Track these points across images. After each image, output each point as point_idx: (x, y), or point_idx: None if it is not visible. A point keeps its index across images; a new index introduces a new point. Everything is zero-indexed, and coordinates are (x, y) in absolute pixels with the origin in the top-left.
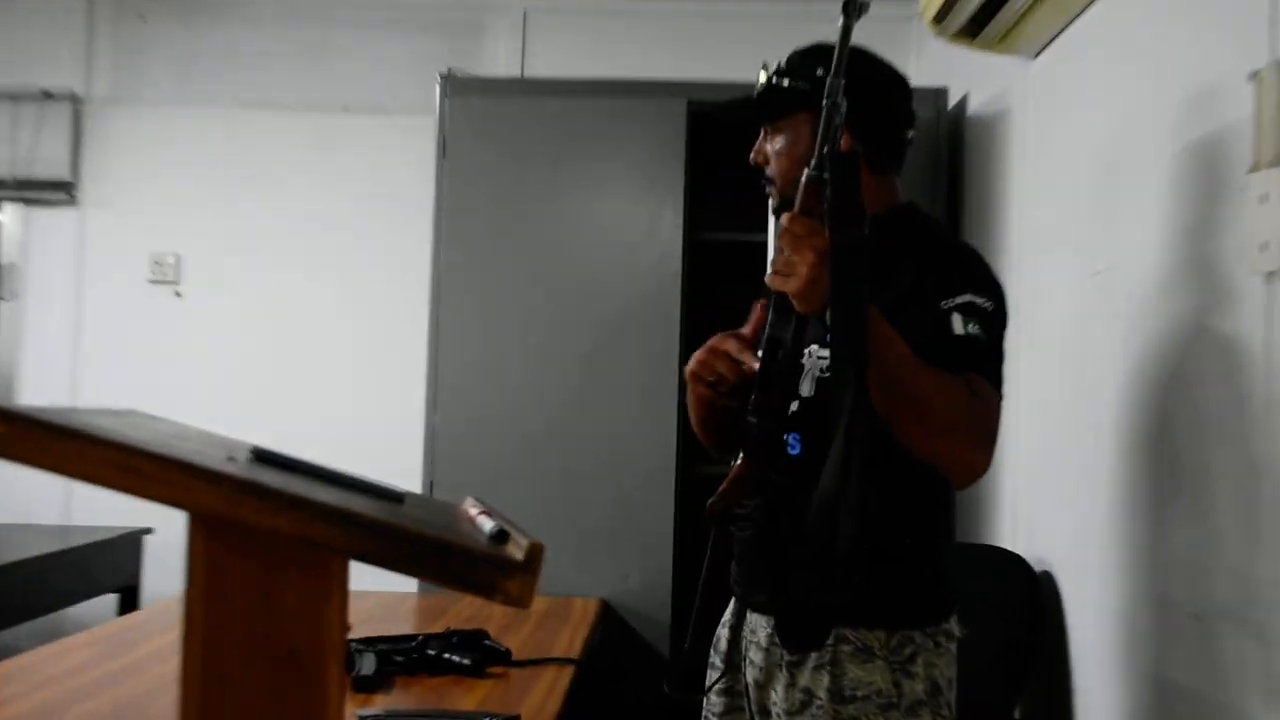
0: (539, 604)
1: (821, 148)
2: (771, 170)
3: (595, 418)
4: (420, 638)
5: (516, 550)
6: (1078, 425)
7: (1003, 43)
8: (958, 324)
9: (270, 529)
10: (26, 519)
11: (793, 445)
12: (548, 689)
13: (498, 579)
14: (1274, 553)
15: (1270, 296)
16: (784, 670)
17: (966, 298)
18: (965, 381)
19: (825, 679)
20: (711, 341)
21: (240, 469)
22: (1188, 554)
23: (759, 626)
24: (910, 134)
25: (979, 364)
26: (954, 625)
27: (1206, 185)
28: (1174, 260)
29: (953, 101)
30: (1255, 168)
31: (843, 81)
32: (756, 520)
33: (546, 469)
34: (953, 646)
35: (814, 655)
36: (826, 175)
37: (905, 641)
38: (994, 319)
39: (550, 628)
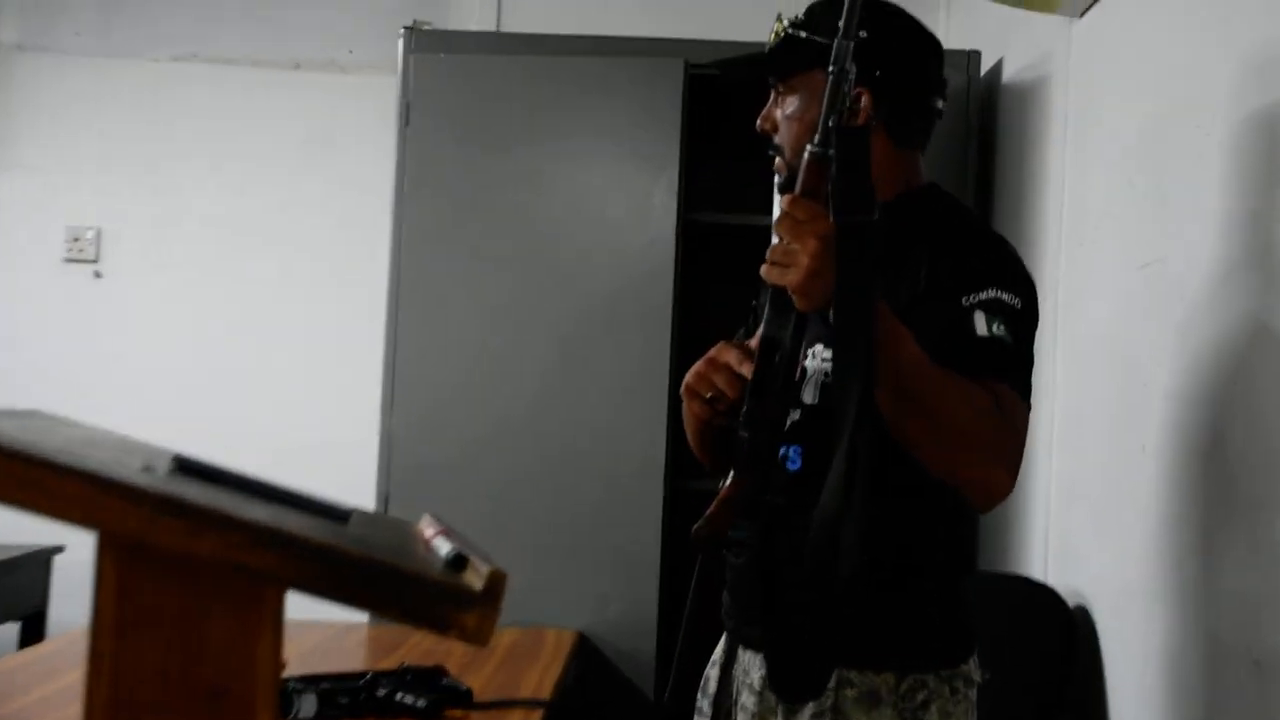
0: (506, 636)
1: (826, 120)
2: (780, 138)
3: (573, 423)
4: (369, 675)
5: (475, 579)
6: (1120, 440)
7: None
8: (981, 324)
9: (191, 553)
10: None
11: (793, 460)
12: None
13: (452, 612)
14: None
15: None
16: (779, 716)
17: (992, 293)
18: (988, 390)
19: None
20: (710, 353)
21: (158, 482)
22: (1246, 590)
23: (752, 666)
24: (940, 104)
25: (1004, 370)
26: (973, 668)
27: (1272, 168)
28: (1235, 252)
29: (986, 66)
30: None
31: (852, 44)
32: (751, 545)
33: (517, 481)
34: (972, 693)
35: (811, 701)
36: (832, 152)
37: (917, 686)
38: (1022, 318)
39: (518, 664)
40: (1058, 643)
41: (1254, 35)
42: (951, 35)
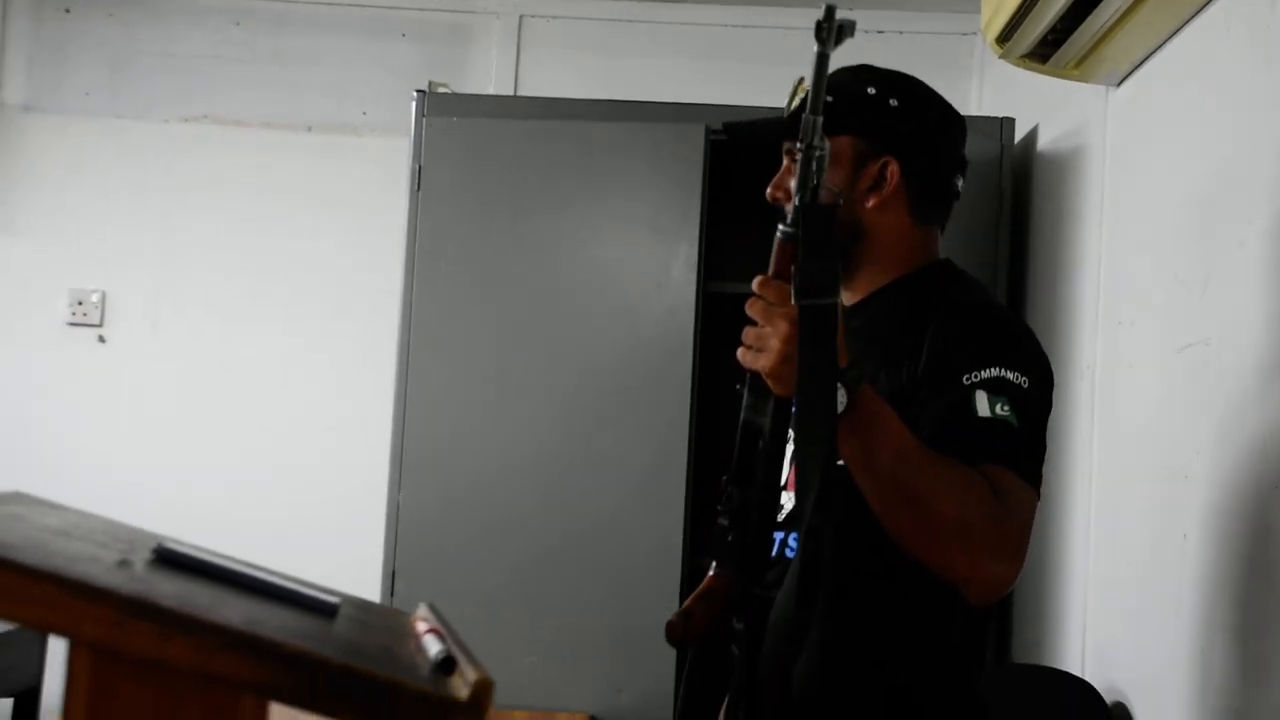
0: None
1: (801, 197)
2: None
3: (587, 501)
4: None
5: (462, 686)
6: (1162, 529)
7: (1079, 68)
8: (982, 404)
9: (161, 658)
10: None
11: (792, 548)
12: None
13: None
14: None
15: None
16: None
17: (995, 372)
18: (987, 477)
19: None
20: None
21: (130, 579)
22: None
23: None
24: (960, 183)
25: (1007, 454)
26: None
27: None
28: (1270, 341)
29: (1020, 134)
30: None
31: (819, 119)
32: (744, 644)
33: (528, 560)
34: None
35: None
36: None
37: None
38: (1030, 398)
39: None
40: None
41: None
42: (985, 102)
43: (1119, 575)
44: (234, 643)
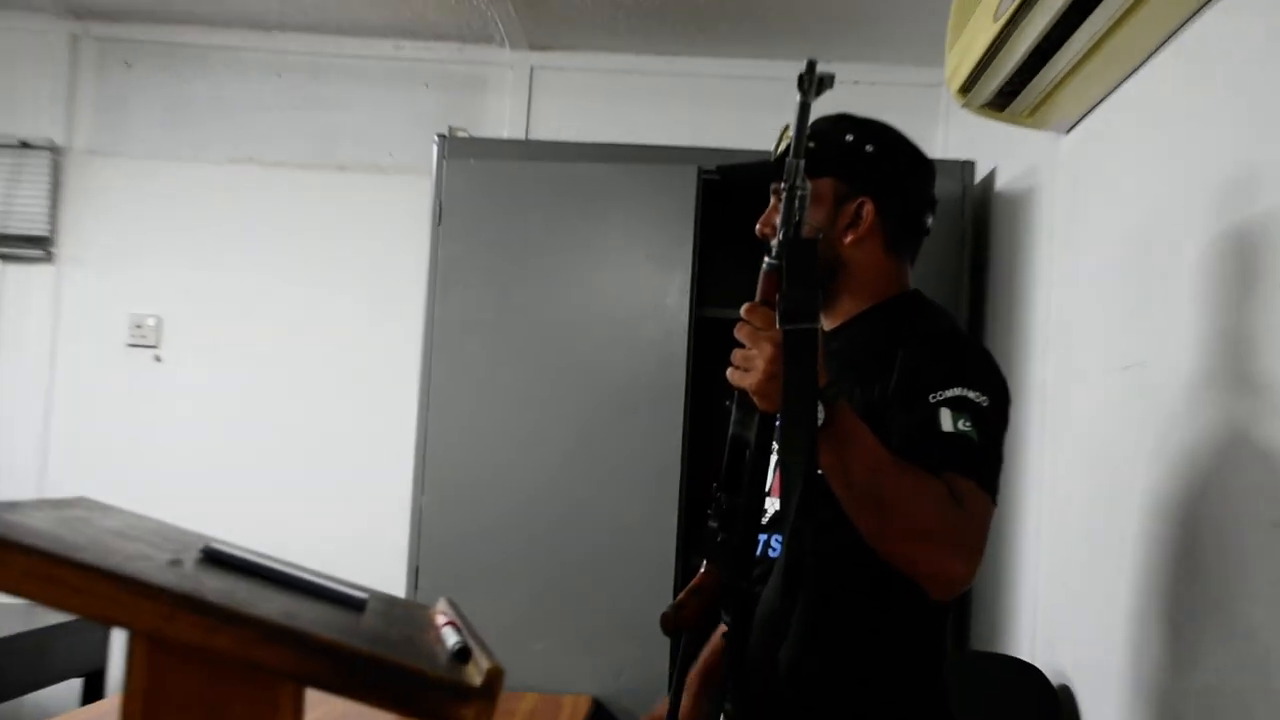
0: (526, 702)
1: (785, 232)
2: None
3: (591, 504)
4: None
5: (476, 674)
6: (1102, 531)
7: (1032, 116)
8: (946, 420)
9: (209, 647)
10: None
11: (774, 548)
12: None
13: (452, 707)
14: None
15: None
16: None
17: (958, 391)
18: (948, 484)
19: None
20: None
21: (181, 577)
22: (1219, 678)
23: None
24: (930, 222)
25: (967, 465)
26: None
27: (1242, 281)
28: (1210, 359)
29: (980, 175)
30: None
31: (802, 162)
32: (731, 636)
33: (538, 556)
34: None
35: None
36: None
37: None
38: (989, 416)
39: None
40: (1043, 719)
41: (1226, 160)
42: (949, 145)
43: (1065, 571)
44: (273, 634)
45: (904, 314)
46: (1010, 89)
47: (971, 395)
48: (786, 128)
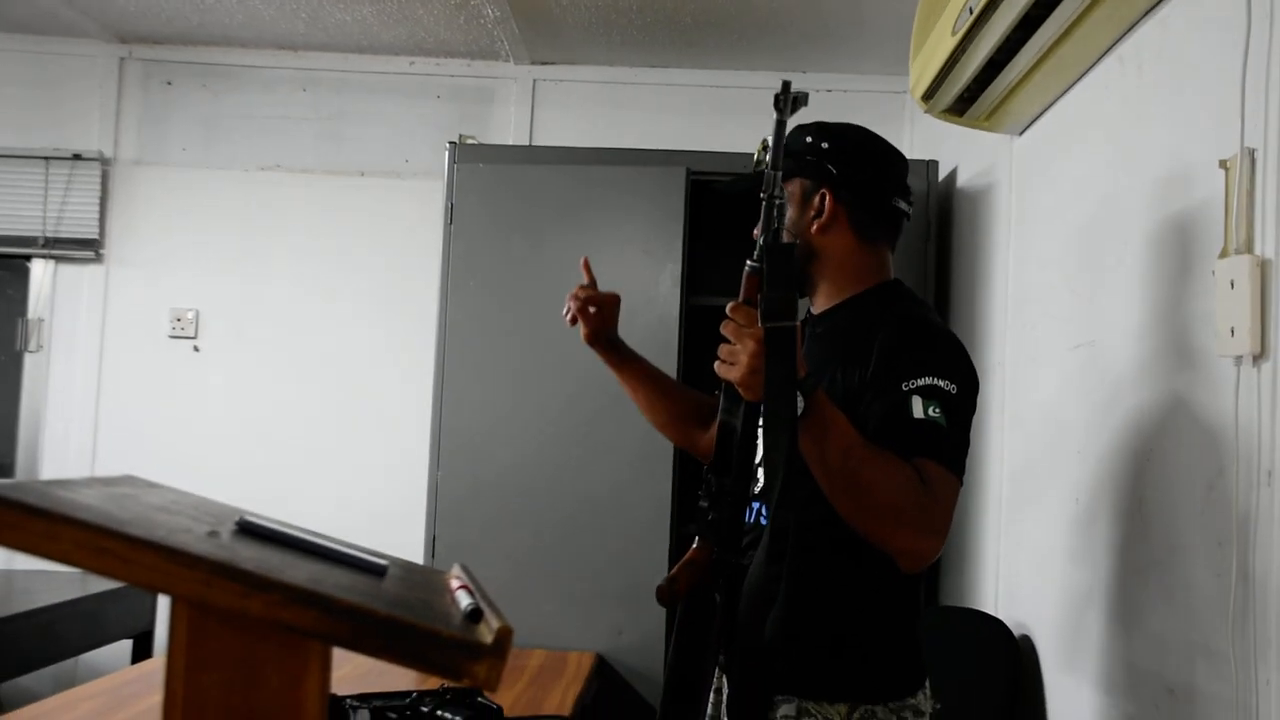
0: (535, 658)
1: (765, 238)
2: None
3: (593, 476)
4: (414, 694)
5: (487, 633)
6: (1058, 494)
7: (989, 120)
8: (917, 407)
9: (244, 610)
10: (52, 564)
11: (765, 515)
12: None
13: (465, 663)
14: (1243, 631)
15: (1240, 379)
16: None
17: (928, 380)
18: (916, 468)
19: None
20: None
21: (218, 547)
22: (1162, 627)
23: (725, 685)
24: (903, 204)
25: (935, 449)
26: (922, 700)
27: (1178, 268)
28: (1149, 339)
29: (943, 174)
30: (1224, 253)
31: (779, 174)
32: (721, 604)
33: (544, 525)
34: None
35: None
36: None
37: (868, 716)
38: (957, 403)
39: (544, 683)
40: (1005, 667)
41: (1160, 161)
42: (915, 147)
43: (1024, 533)
44: (300, 598)
45: (883, 303)
46: (968, 95)
47: (942, 384)
48: (764, 141)
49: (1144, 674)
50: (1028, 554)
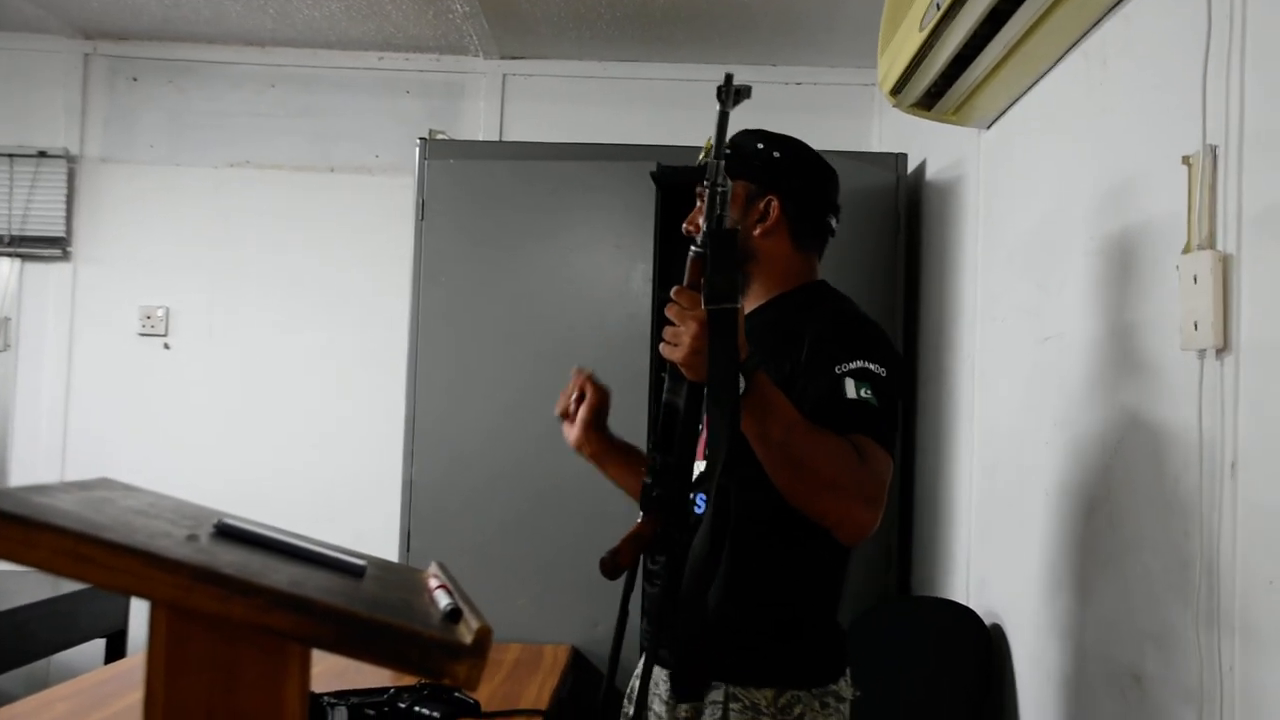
0: (510, 652)
1: (709, 224)
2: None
3: (565, 472)
4: (392, 690)
5: (467, 633)
6: (1026, 486)
7: (956, 114)
8: (850, 388)
9: (225, 614)
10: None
11: (699, 505)
12: None
13: (446, 663)
14: (1208, 620)
15: (1204, 373)
16: None
17: (860, 364)
18: (852, 443)
19: None
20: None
21: (198, 551)
22: (1128, 616)
23: (661, 680)
24: (834, 221)
25: (869, 426)
26: (843, 687)
27: (1142, 263)
28: (1115, 333)
29: (912, 166)
30: (1188, 249)
31: (722, 163)
32: (662, 577)
33: (518, 520)
34: (843, 708)
35: (706, 712)
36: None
37: (793, 701)
38: (887, 384)
39: (520, 677)
40: (976, 655)
41: (1123, 157)
42: (884, 139)
43: (994, 523)
44: (282, 602)
45: (811, 299)
46: (936, 90)
47: (872, 367)
48: (710, 138)
49: (1111, 661)
50: (999, 544)
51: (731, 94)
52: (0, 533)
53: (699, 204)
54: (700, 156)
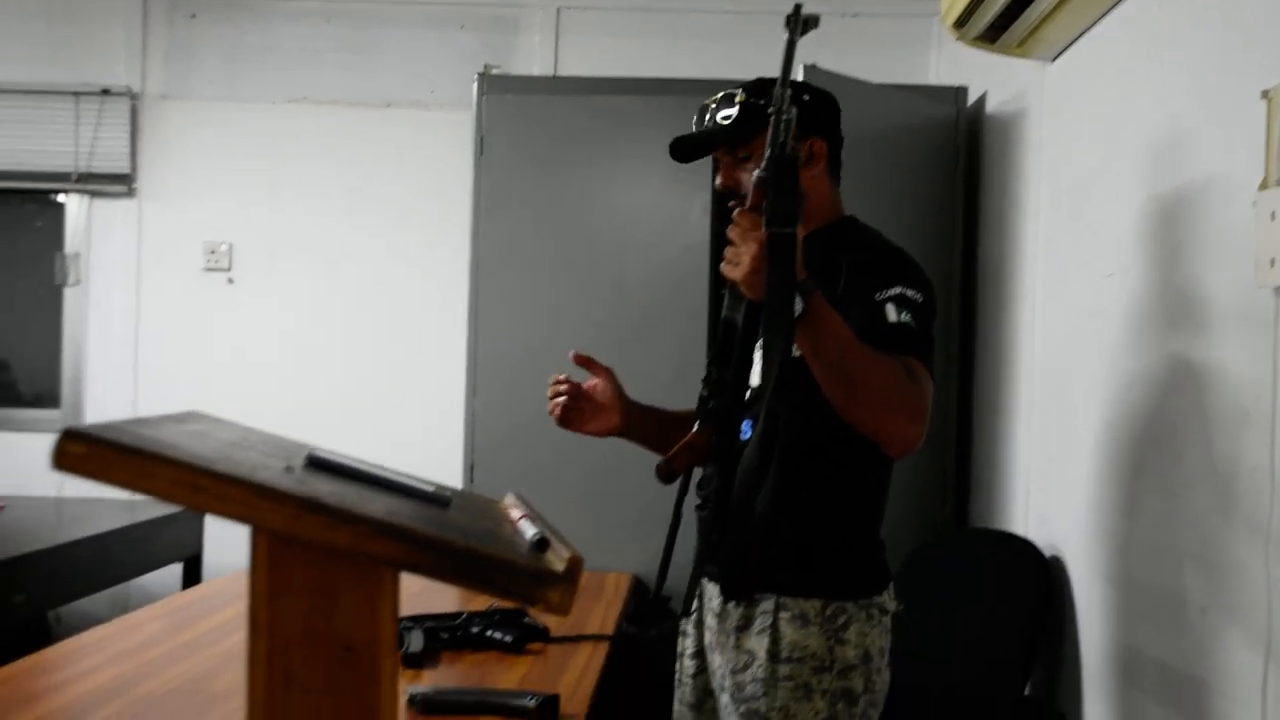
0: None
1: (771, 150)
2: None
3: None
4: (464, 615)
5: (557, 561)
6: (1088, 419)
7: (1021, 47)
8: (891, 313)
9: (329, 542)
10: (100, 492)
11: (745, 431)
12: (584, 665)
13: (539, 590)
14: (1277, 555)
15: (1278, 309)
16: (732, 635)
17: (898, 290)
18: (900, 362)
19: (766, 642)
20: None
21: (298, 483)
22: (1191, 550)
23: (712, 595)
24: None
25: (913, 348)
26: (887, 600)
27: (1207, 199)
28: (1184, 269)
29: (972, 99)
30: (1265, 185)
31: (789, 91)
32: (710, 498)
33: (579, 451)
34: (886, 620)
35: (757, 621)
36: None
37: (839, 612)
38: (924, 309)
39: (585, 604)
40: (1036, 586)
41: (1195, 90)
42: (942, 72)
43: (1056, 457)
44: (383, 530)
45: (846, 233)
46: (1001, 23)
47: (909, 292)
48: (721, 95)
49: (1174, 594)
50: (1059, 476)
51: (800, 23)
52: (121, 464)
53: (726, 161)
54: (713, 113)
